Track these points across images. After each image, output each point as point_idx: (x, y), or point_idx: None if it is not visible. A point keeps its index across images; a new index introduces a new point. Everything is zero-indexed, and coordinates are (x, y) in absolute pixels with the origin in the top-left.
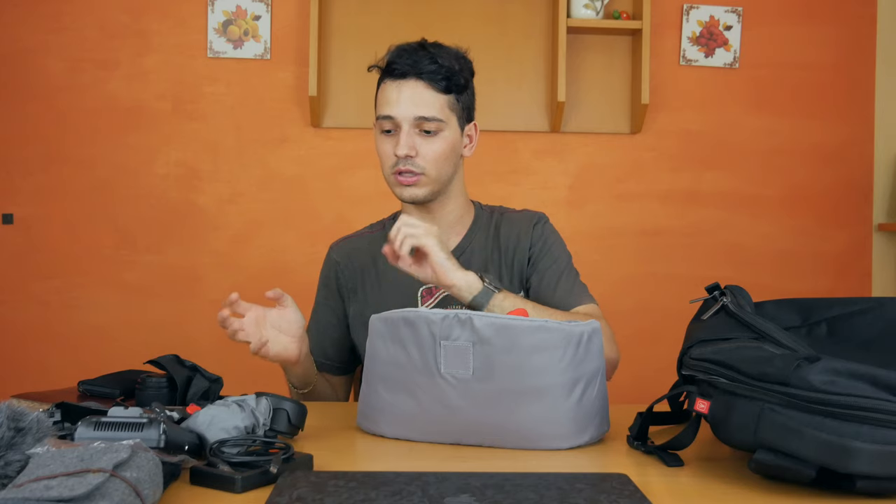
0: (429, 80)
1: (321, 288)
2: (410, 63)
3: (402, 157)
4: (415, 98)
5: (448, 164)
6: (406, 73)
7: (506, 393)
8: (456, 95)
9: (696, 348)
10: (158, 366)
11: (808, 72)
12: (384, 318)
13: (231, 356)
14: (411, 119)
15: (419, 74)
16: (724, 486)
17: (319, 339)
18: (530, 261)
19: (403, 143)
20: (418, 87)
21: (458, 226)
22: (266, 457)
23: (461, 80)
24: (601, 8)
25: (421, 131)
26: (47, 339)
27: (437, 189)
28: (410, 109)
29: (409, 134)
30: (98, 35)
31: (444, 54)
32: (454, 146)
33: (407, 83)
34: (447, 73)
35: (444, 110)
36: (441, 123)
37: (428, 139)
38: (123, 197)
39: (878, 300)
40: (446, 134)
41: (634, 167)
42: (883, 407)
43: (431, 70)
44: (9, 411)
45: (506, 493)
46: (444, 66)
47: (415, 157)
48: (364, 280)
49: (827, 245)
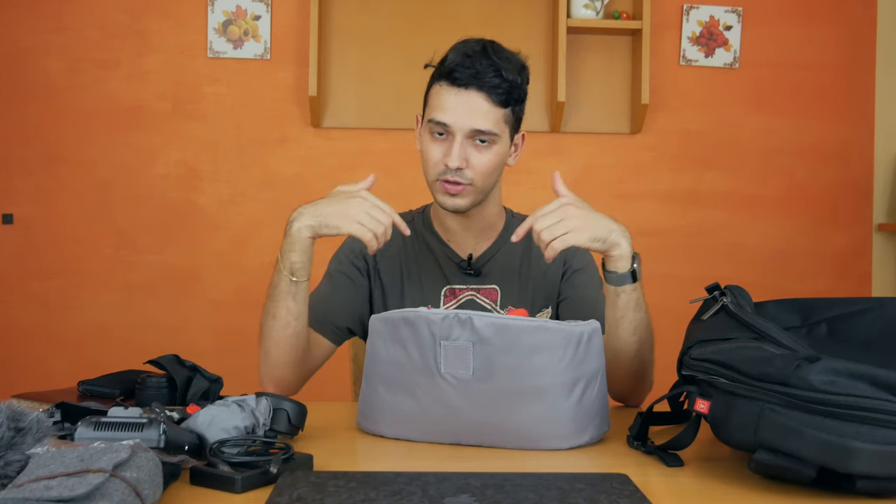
0: (490, 93)
1: (343, 263)
2: (473, 73)
3: (454, 168)
4: (473, 110)
5: (495, 175)
6: (468, 84)
7: (506, 393)
8: (513, 108)
9: (696, 348)
10: (158, 366)
11: (808, 72)
12: (384, 319)
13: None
14: (467, 130)
15: (481, 86)
16: (724, 486)
17: (331, 303)
18: (565, 275)
19: (456, 154)
20: (478, 98)
21: (489, 230)
22: (266, 457)
23: (521, 93)
24: (601, 8)
25: (474, 142)
26: (47, 339)
27: (481, 198)
28: (468, 121)
29: (462, 145)
30: (98, 35)
31: (509, 66)
32: (503, 158)
33: (467, 93)
34: (510, 87)
35: (499, 124)
36: (496, 137)
37: (480, 150)
38: (123, 197)
39: (878, 300)
40: (498, 147)
41: (634, 167)
42: (883, 407)
43: (494, 84)
44: (9, 411)
45: (506, 493)
46: (507, 79)
47: (465, 168)
48: (392, 270)
49: (827, 245)
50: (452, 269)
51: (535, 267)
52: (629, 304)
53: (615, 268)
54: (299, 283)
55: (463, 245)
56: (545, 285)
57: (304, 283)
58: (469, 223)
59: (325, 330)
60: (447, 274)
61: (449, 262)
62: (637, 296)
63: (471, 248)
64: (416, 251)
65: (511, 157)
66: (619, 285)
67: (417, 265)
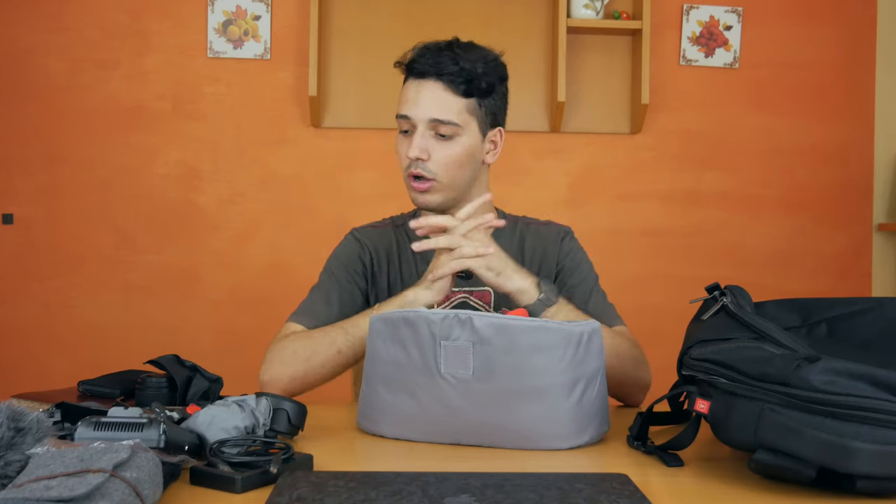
0: (448, 82)
1: (341, 266)
2: (431, 63)
3: (413, 159)
4: (433, 99)
5: (463, 171)
6: (426, 73)
7: (506, 393)
8: (478, 99)
9: (696, 348)
10: (158, 366)
11: (808, 72)
12: (384, 318)
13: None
14: (426, 121)
15: (439, 75)
16: (724, 486)
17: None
18: (557, 277)
19: (415, 144)
20: (437, 88)
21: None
22: (266, 457)
23: (483, 83)
24: (601, 8)
25: (436, 134)
26: (47, 339)
27: (453, 196)
28: (426, 111)
29: (423, 136)
30: (98, 35)
31: (470, 56)
32: (472, 152)
33: (426, 83)
34: (468, 75)
35: (461, 114)
36: (457, 128)
37: (442, 143)
38: (123, 197)
39: (878, 300)
40: (463, 139)
41: (634, 167)
42: (883, 407)
43: (452, 72)
44: (9, 411)
45: (506, 493)
46: (465, 68)
47: (426, 160)
48: (388, 273)
49: (827, 245)
50: None
51: (528, 267)
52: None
53: (525, 302)
54: None
55: None
56: None
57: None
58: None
59: None
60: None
61: None
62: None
63: None
64: (408, 253)
65: (490, 154)
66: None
67: (409, 267)
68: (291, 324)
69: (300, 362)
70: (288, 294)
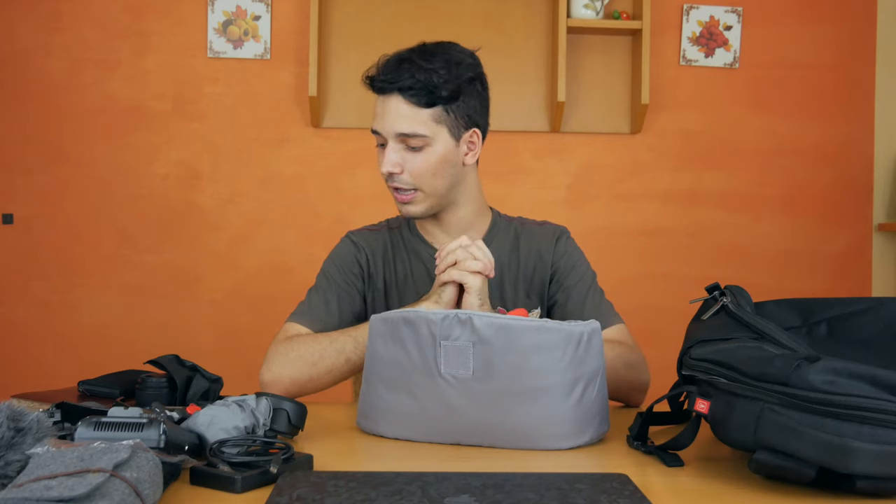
0: (409, 96)
1: (338, 269)
2: (390, 78)
3: (386, 174)
4: (395, 114)
5: (441, 177)
6: (384, 89)
7: (506, 393)
8: (444, 107)
9: (696, 348)
10: (158, 366)
11: (808, 72)
12: (384, 318)
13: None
14: (393, 135)
15: (400, 90)
16: (724, 486)
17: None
18: (553, 277)
19: (387, 160)
20: (399, 102)
21: (471, 231)
22: (266, 457)
23: (445, 91)
24: (601, 8)
25: (407, 147)
26: (47, 339)
27: (437, 202)
28: (392, 125)
29: (395, 150)
30: (98, 35)
31: (431, 64)
32: (446, 158)
33: (389, 99)
34: (426, 86)
35: (427, 124)
36: (425, 139)
37: (414, 154)
38: (123, 197)
39: (878, 300)
40: (435, 148)
41: (634, 167)
42: (883, 407)
43: (408, 85)
44: (9, 411)
45: (506, 493)
46: (420, 80)
47: (401, 173)
48: (384, 274)
49: (827, 245)
50: None
51: (524, 267)
52: None
53: None
54: None
55: None
56: (535, 284)
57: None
58: (444, 226)
59: None
60: (434, 276)
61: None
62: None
63: None
64: (404, 256)
65: (468, 156)
66: None
67: (405, 268)
68: (293, 324)
69: (306, 366)
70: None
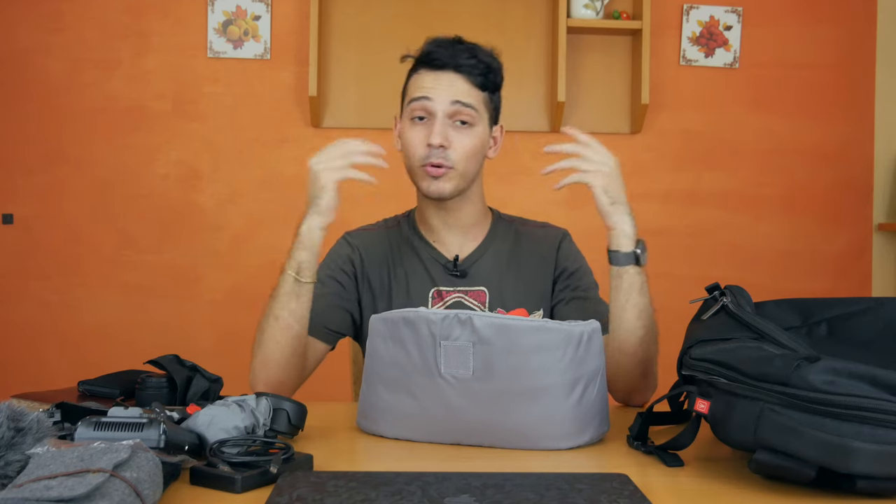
0: (467, 74)
1: (332, 268)
2: (449, 55)
3: (437, 146)
4: (452, 87)
5: (475, 162)
6: (445, 65)
7: (506, 393)
8: (489, 94)
9: (696, 348)
10: (158, 366)
11: (808, 72)
12: (384, 318)
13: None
14: (447, 106)
15: (457, 67)
16: (724, 486)
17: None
18: (558, 280)
19: (438, 131)
20: (457, 79)
21: (475, 229)
22: (266, 457)
23: (497, 78)
24: (601, 8)
25: (455, 122)
26: (47, 339)
27: (463, 186)
28: (448, 94)
29: (444, 123)
30: (98, 35)
31: (482, 51)
32: (483, 144)
33: (445, 74)
34: (485, 69)
35: (479, 104)
36: (476, 115)
37: (461, 131)
38: (124, 197)
39: (878, 300)
40: (479, 129)
41: (634, 167)
42: (883, 407)
43: (470, 64)
44: (9, 411)
45: (506, 493)
46: (482, 61)
47: (448, 148)
48: (380, 274)
49: (827, 245)
50: (439, 271)
51: (524, 268)
52: (633, 287)
53: (618, 245)
54: (304, 284)
55: (449, 246)
56: (536, 287)
57: (308, 284)
58: (452, 219)
59: (319, 332)
60: (434, 276)
61: (435, 263)
62: (641, 280)
63: (457, 249)
64: (402, 254)
65: (491, 150)
66: (621, 265)
67: (404, 268)
68: None
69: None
70: None
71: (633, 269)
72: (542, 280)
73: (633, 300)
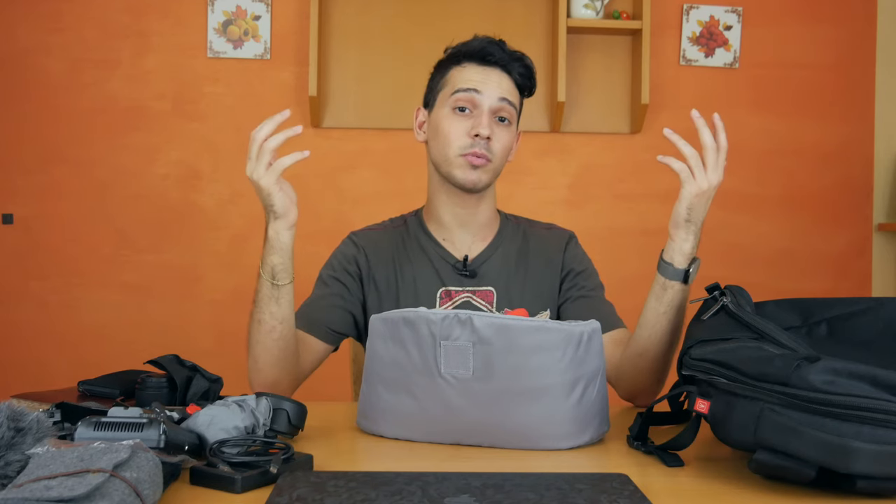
0: (514, 76)
1: (336, 269)
2: (502, 54)
3: (485, 137)
4: (501, 84)
5: (504, 158)
6: (496, 63)
7: (506, 393)
8: (522, 99)
9: (696, 348)
10: (158, 366)
11: (808, 72)
12: (384, 319)
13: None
14: (494, 102)
15: (506, 66)
16: (724, 486)
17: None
18: (564, 280)
19: (486, 123)
20: (504, 78)
21: (485, 229)
22: (266, 457)
23: (534, 85)
24: (601, 8)
25: (496, 118)
26: (47, 339)
27: (492, 181)
28: (497, 91)
29: (489, 116)
30: (98, 35)
31: (527, 57)
32: (512, 143)
33: (494, 71)
34: (530, 75)
35: (517, 105)
36: (515, 114)
37: (501, 127)
38: (123, 197)
39: (878, 300)
40: (513, 128)
41: (634, 167)
42: (883, 407)
43: (517, 66)
44: (9, 411)
45: (506, 493)
46: (527, 66)
47: (492, 141)
48: (387, 274)
49: (827, 245)
50: (447, 271)
51: (532, 269)
52: (674, 303)
53: (672, 259)
54: (282, 287)
55: (459, 246)
56: (543, 287)
57: (286, 286)
58: (468, 217)
59: (319, 332)
60: (442, 276)
61: (444, 263)
62: (683, 297)
63: (466, 249)
64: (410, 253)
65: (512, 152)
66: (670, 279)
67: (412, 267)
68: None
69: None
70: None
71: (679, 285)
72: (549, 281)
73: (670, 316)
